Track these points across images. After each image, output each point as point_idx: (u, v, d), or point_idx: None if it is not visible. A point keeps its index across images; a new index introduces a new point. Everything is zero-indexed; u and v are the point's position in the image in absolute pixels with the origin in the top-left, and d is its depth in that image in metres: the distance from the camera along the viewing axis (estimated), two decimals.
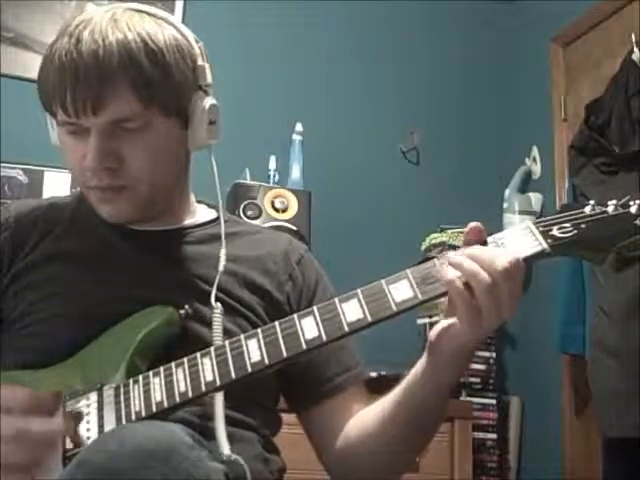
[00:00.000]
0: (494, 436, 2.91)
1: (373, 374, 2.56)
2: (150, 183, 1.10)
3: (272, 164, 2.93)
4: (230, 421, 1.02)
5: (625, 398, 2.22)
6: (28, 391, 0.93)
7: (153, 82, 1.06)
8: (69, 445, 0.92)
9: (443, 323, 0.96)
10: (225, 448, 0.97)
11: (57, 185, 2.77)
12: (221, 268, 1.12)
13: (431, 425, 1.09)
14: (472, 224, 0.95)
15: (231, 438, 1.01)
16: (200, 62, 1.13)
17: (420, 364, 1.02)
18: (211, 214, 1.25)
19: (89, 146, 1.06)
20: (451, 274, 0.91)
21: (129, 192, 1.10)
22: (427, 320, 2.77)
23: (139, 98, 1.05)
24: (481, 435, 2.86)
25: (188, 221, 1.22)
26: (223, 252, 1.14)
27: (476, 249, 0.92)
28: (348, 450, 1.13)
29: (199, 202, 1.27)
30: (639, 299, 2.23)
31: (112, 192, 1.10)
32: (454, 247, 2.68)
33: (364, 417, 1.13)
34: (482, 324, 0.91)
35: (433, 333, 0.97)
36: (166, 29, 1.10)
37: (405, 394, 1.04)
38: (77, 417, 0.95)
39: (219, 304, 1.09)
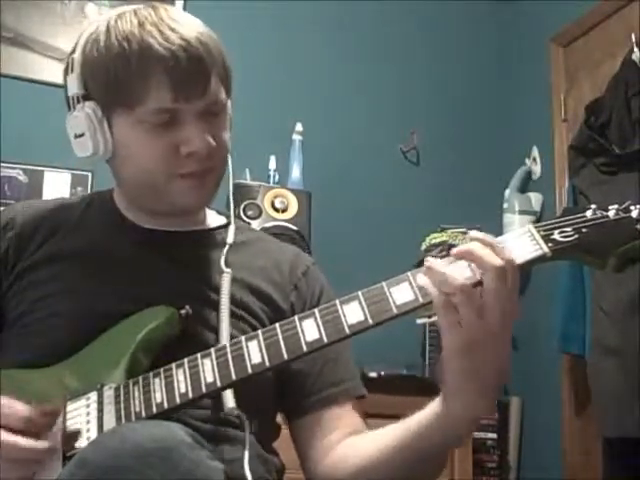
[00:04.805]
0: (494, 436, 2.92)
1: (373, 374, 2.57)
2: (224, 166, 1.15)
3: (272, 164, 2.93)
4: (229, 423, 1.02)
5: (625, 398, 2.23)
6: (26, 408, 0.92)
7: (226, 67, 1.13)
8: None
9: None
10: (230, 402, 0.99)
11: (57, 185, 2.78)
12: (223, 267, 1.12)
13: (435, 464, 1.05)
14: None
15: (229, 439, 1.02)
16: None
17: (432, 405, 0.98)
18: (221, 220, 1.25)
19: (195, 130, 1.07)
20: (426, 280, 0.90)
21: (213, 175, 1.13)
22: (427, 320, 2.77)
23: (222, 82, 1.11)
24: (481, 435, 2.87)
25: (198, 225, 1.22)
26: (229, 240, 1.16)
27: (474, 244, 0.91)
28: (342, 470, 1.08)
29: (209, 208, 1.26)
30: (639, 299, 2.23)
31: (202, 177, 1.11)
32: (454, 247, 2.68)
33: (364, 442, 1.08)
34: (461, 327, 0.88)
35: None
36: None
37: (417, 429, 0.99)
38: (74, 436, 0.94)
39: (228, 277, 1.10)
